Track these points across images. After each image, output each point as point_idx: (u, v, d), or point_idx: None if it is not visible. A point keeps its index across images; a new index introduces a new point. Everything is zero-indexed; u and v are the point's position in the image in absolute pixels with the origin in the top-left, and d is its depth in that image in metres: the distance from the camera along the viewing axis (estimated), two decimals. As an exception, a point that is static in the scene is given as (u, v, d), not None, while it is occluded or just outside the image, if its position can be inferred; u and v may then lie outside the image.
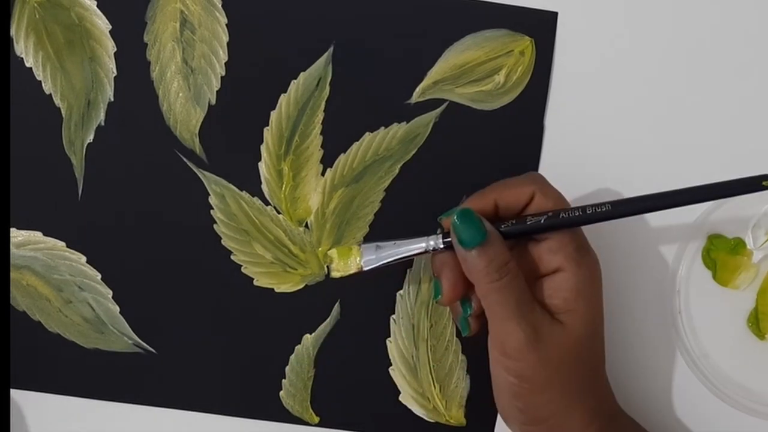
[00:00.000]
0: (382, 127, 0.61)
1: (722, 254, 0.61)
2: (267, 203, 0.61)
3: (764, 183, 0.49)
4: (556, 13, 0.61)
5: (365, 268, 0.54)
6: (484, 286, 0.51)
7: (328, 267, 0.55)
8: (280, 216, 0.61)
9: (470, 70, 0.61)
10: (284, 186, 0.61)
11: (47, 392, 0.61)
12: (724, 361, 0.61)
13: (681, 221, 0.61)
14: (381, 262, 0.54)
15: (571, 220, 0.52)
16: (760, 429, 0.62)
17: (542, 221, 0.51)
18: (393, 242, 0.54)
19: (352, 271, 0.55)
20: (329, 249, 0.59)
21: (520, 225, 0.52)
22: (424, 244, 0.54)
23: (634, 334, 0.62)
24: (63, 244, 0.61)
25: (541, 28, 0.61)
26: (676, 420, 0.62)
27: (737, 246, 0.60)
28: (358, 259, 0.54)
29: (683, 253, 0.61)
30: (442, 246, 0.53)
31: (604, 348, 0.55)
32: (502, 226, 0.52)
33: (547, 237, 0.53)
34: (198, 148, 0.61)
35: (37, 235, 0.61)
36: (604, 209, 0.51)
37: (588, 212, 0.51)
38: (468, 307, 0.55)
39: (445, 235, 0.53)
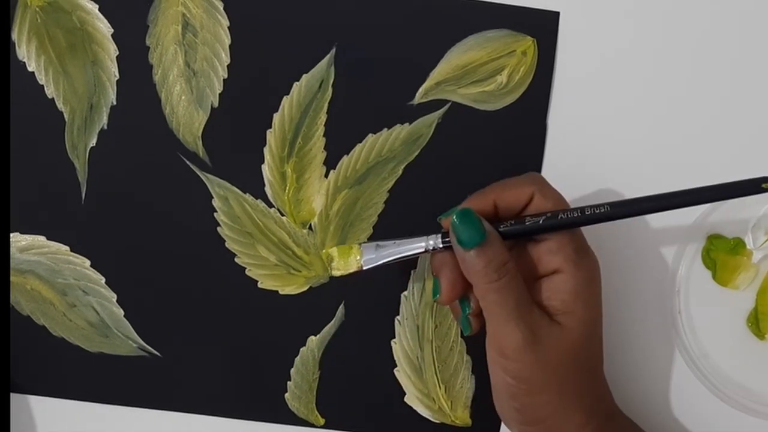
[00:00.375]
0: (385, 129, 0.62)
1: (722, 254, 0.61)
2: (270, 205, 0.62)
3: (764, 185, 0.50)
4: (557, 13, 0.62)
5: (365, 267, 0.56)
6: (482, 287, 0.52)
7: (330, 266, 0.56)
8: (284, 218, 0.62)
9: (473, 70, 0.61)
10: (287, 188, 0.61)
11: (52, 396, 0.62)
12: (724, 361, 0.62)
13: (680, 222, 0.61)
14: (381, 261, 0.55)
15: (570, 221, 0.52)
16: (760, 429, 0.62)
17: (541, 222, 0.52)
18: (393, 241, 0.55)
19: (352, 270, 0.56)
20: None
21: (519, 225, 0.53)
22: (423, 244, 0.55)
23: (633, 334, 0.62)
24: (67, 248, 0.62)
25: (543, 28, 0.61)
26: (675, 420, 0.62)
27: (737, 246, 0.61)
28: (359, 257, 0.56)
29: (683, 253, 0.61)
30: (441, 246, 0.54)
31: (602, 349, 0.55)
32: (501, 226, 0.53)
33: (547, 238, 0.53)
34: (201, 150, 0.61)
35: (40, 239, 0.62)
36: (602, 210, 0.52)
37: (587, 213, 0.52)
38: (467, 306, 0.55)
39: (445, 234, 0.54)
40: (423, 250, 0.55)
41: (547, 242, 0.53)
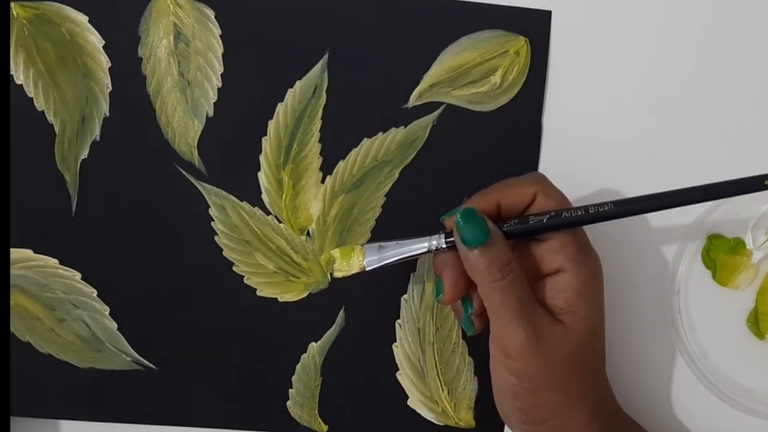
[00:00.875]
0: (380, 132, 0.63)
1: (722, 254, 0.63)
2: (268, 213, 0.63)
3: (766, 183, 0.52)
4: (549, 12, 0.63)
5: (368, 268, 0.57)
6: (486, 286, 0.53)
7: (332, 267, 0.58)
8: (282, 225, 0.63)
9: (466, 72, 0.63)
10: (284, 195, 0.63)
11: (40, 417, 0.64)
12: (724, 361, 0.63)
13: (681, 221, 0.63)
14: (384, 262, 0.57)
15: (573, 220, 0.54)
16: (760, 429, 0.64)
17: (544, 221, 0.54)
18: (396, 242, 0.57)
19: (354, 271, 0.57)
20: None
21: (522, 225, 0.54)
22: (426, 244, 0.56)
23: (634, 334, 0.64)
24: (56, 261, 0.63)
25: (535, 28, 0.63)
26: (675, 420, 0.65)
27: (737, 246, 0.63)
28: (361, 258, 0.57)
29: (683, 253, 0.63)
30: (444, 245, 0.56)
31: (605, 348, 0.57)
32: (505, 225, 0.55)
33: (549, 237, 0.55)
34: (197, 160, 0.63)
35: (27, 252, 0.63)
36: (606, 209, 0.54)
37: (590, 212, 0.54)
38: (469, 306, 0.57)
39: (448, 234, 0.56)
40: (426, 250, 0.56)
41: (549, 241, 0.55)
